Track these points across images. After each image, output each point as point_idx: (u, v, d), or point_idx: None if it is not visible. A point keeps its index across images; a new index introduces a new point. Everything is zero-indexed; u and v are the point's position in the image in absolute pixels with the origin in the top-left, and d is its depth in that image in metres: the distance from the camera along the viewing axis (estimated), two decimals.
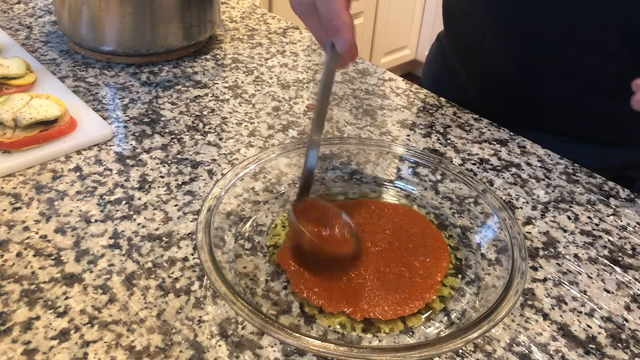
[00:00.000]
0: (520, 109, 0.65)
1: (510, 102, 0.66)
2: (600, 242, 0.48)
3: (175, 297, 0.40)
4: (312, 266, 0.41)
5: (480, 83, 0.69)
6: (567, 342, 0.39)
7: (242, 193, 0.48)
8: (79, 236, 0.44)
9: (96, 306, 0.39)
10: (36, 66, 0.64)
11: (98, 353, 0.36)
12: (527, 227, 0.49)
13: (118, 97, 0.63)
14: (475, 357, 0.38)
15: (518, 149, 0.59)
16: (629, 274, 0.45)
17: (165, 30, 0.68)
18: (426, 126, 0.62)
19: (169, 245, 0.44)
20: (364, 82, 0.70)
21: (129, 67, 0.69)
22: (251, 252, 0.44)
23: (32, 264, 0.42)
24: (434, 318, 0.40)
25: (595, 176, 0.56)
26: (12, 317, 0.38)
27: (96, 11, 0.65)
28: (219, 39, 0.77)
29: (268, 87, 0.67)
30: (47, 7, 0.82)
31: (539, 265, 0.45)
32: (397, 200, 0.50)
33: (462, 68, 0.71)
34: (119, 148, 0.55)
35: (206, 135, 0.57)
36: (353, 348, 0.33)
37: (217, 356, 0.36)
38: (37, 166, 0.51)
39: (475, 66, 0.69)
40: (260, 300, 0.40)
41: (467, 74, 0.70)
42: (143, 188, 0.50)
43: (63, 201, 0.48)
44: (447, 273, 0.43)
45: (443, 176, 0.50)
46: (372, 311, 0.39)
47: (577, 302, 0.42)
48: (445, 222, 0.48)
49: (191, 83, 0.66)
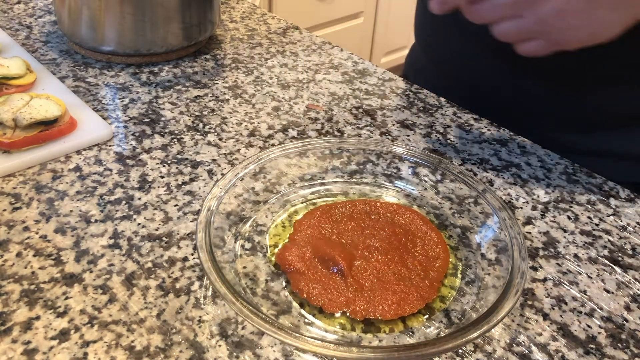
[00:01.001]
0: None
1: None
2: (600, 242, 0.48)
3: (175, 297, 0.40)
4: (312, 266, 0.41)
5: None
6: (567, 342, 0.39)
7: (242, 193, 0.48)
8: (79, 236, 0.44)
9: (96, 306, 0.39)
10: (36, 66, 0.64)
11: (98, 353, 0.36)
12: (527, 227, 0.49)
13: (118, 97, 0.63)
14: (475, 357, 0.38)
15: (518, 149, 0.59)
16: (629, 274, 0.45)
17: (165, 30, 0.68)
18: (426, 126, 0.62)
19: (169, 245, 0.44)
20: (364, 82, 0.70)
21: (129, 67, 0.69)
22: (251, 252, 0.44)
23: (32, 264, 0.42)
24: (434, 318, 0.40)
25: (595, 176, 0.56)
26: (12, 317, 0.38)
27: (96, 11, 0.65)
28: (219, 39, 0.77)
29: (268, 87, 0.67)
30: (47, 7, 0.82)
31: (539, 265, 0.45)
32: (397, 200, 0.50)
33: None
34: (119, 148, 0.55)
35: (206, 135, 0.57)
36: (353, 348, 0.33)
37: (217, 356, 0.36)
38: (37, 166, 0.51)
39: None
40: (260, 300, 0.40)
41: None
42: (143, 188, 0.50)
43: (63, 201, 0.48)
44: (447, 273, 0.43)
45: (443, 176, 0.50)
46: (372, 311, 0.39)
47: (577, 302, 0.42)
48: (445, 222, 0.48)
49: (191, 83, 0.66)
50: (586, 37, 0.46)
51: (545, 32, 0.46)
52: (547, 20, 0.44)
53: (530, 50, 0.47)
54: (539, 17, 0.44)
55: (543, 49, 0.47)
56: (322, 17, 2.03)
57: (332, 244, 0.43)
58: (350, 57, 0.75)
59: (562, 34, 0.46)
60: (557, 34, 0.46)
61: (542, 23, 0.45)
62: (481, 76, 0.67)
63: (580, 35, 0.45)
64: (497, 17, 0.46)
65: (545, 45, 0.47)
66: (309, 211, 0.47)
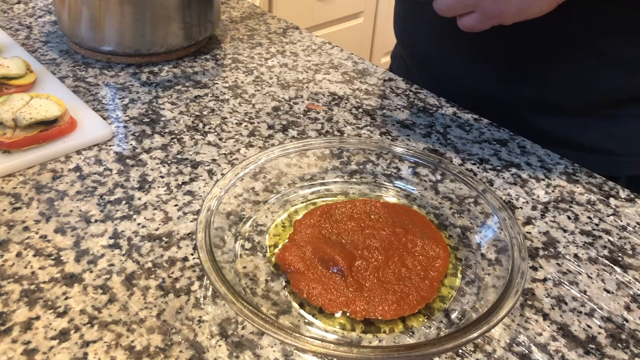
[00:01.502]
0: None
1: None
2: (600, 242, 0.48)
3: (175, 297, 0.40)
4: (312, 266, 0.41)
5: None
6: (567, 342, 0.39)
7: (242, 193, 0.48)
8: (79, 236, 0.44)
9: (96, 306, 0.39)
10: (36, 66, 0.64)
11: (98, 353, 0.36)
12: (527, 227, 0.49)
13: (118, 97, 0.63)
14: (475, 357, 0.38)
15: (518, 149, 0.59)
16: (629, 274, 0.45)
17: (165, 30, 0.68)
18: (426, 126, 0.62)
19: (169, 245, 0.44)
20: (364, 82, 0.70)
21: (129, 67, 0.69)
22: (251, 252, 0.44)
23: (32, 264, 0.42)
24: (434, 318, 0.40)
25: (595, 176, 0.56)
26: (12, 317, 0.38)
27: (96, 11, 0.65)
28: (219, 39, 0.77)
29: (268, 87, 0.67)
30: (47, 7, 0.82)
31: (539, 265, 0.45)
32: (397, 200, 0.50)
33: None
34: (119, 148, 0.55)
35: (206, 135, 0.57)
36: (353, 348, 0.33)
37: (217, 356, 0.36)
38: (37, 166, 0.51)
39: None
40: (260, 300, 0.40)
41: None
42: (143, 188, 0.50)
43: (63, 201, 0.48)
44: (447, 273, 0.43)
45: (443, 176, 0.50)
46: (372, 311, 0.39)
47: (577, 302, 0.42)
48: (445, 222, 0.48)
49: (191, 83, 0.66)
50: (517, 12, 0.48)
51: (480, 5, 0.48)
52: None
53: (468, 24, 0.50)
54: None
55: (480, 22, 0.49)
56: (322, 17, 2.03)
57: (332, 244, 0.43)
58: (350, 57, 0.75)
59: (495, 7, 0.48)
60: (491, 7, 0.48)
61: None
62: (444, 61, 0.69)
63: (512, 9, 0.48)
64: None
65: (481, 19, 0.49)
66: (309, 211, 0.47)
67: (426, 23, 0.69)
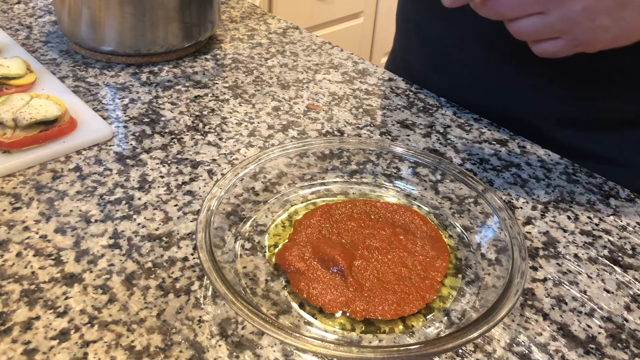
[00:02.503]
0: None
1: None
2: (600, 242, 0.48)
3: (175, 297, 0.40)
4: (312, 266, 0.41)
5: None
6: (567, 342, 0.39)
7: (242, 193, 0.48)
8: (79, 236, 0.44)
9: (96, 306, 0.39)
10: (36, 66, 0.64)
11: (98, 353, 0.36)
12: (527, 227, 0.49)
13: (118, 97, 0.63)
14: (475, 357, 0.38)
15: (518, 149, 0.59)
16: (629, 274, 0.45)
17: (165, 30, 0.68)
18: (426, 126, 0.62)
19: (169, 245, 0.44)
20: (364, 82, 0.70)
21: (129, 67, 0.69)
22: (251, 252, 0.44)
23: (32, 264, 0.42)
24: (434, 318, 0.40)
25: (595, 176, 0.56)
26: (12, 317, 0.38)
27: (96, 11, 0.65)
28: (219, 39, 0.77)
29: (268, 87, 0.67)
30: (47, 7, 0.82)
31: (539, 265, 0.45)
32: (397, 200, 0.50)
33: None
34: (119, 148, 0.55)
35: (206, 135, 0.57)
36: (353, 348, 0.33)
37: (217, 356, 0.36)
38: (37, 166, 0.51)
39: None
40: (260, 300, 0.40)
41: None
42: (143, 188, 0.50)
43: (63, 201, 0.48)
44: (447, 273, 0.43)
45: (443, 176, 0.50)
46: (372, 311, 0.39)
47: (577, 302, 0.42)
48: (445, 222, 0.48)
49: (191, 83, 0.66)
50: (612, 39, 0.43)
51: (572, 31, 0.43)
52: (575, 19, 0.42)
53: (549, 51, 0.45)
54: (567, 15, 0.42)
55: (563, 49, 0.44)
56: (322, 17, 2.03)
57: (332, 244, 0.43)
58: (350, 57, 0.75)
59: (589, 35, 0.43)
60: (584, 34, 0.43)
61: (569, 21, 0.42)
62: (463, 65, 0.65)
63: (607, 36, 0.43)
64: (518, 14, 0.44)
65: (567, 46, 0.44)
66: (309, 211, 0.47)
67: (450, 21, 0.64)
